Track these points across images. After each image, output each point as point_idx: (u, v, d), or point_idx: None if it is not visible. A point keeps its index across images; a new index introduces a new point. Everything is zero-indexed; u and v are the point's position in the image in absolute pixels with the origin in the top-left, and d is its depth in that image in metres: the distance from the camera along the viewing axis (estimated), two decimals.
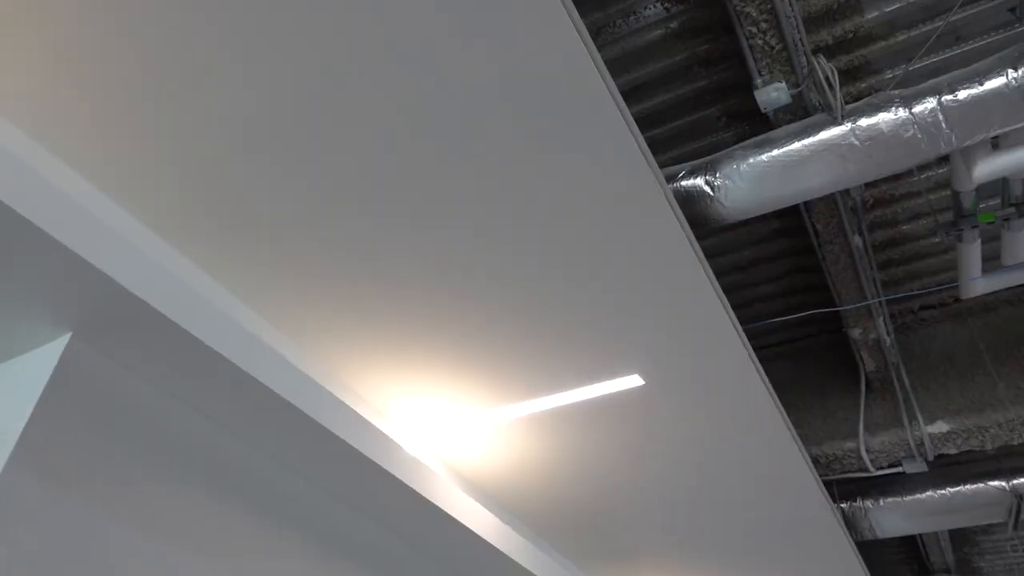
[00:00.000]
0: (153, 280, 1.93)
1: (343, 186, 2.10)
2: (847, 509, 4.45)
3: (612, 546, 3.88)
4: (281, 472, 2.61)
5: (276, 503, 2.55)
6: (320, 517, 2.74)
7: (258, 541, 2.42)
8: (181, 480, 2.22)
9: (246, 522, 2.40)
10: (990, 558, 6.41)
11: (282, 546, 2.52)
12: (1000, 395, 3.63)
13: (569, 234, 2.22)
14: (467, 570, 3.46)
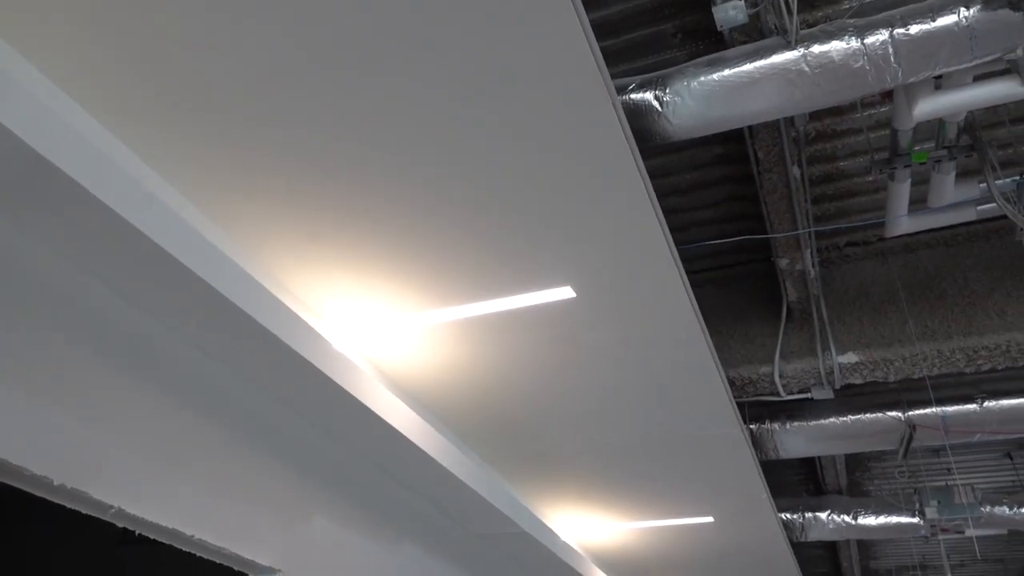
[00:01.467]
0: (73, 150, 1.81)
1: (281, 73, 1.98)
2: (755, 430, 4.69)
3: (531, 452, 4.00)
4: (203, 360, 2.55)
5: (198, 390, 2.50)
6: (243, 408, 2.71)
7: (180, 429, 2.38)
8: (96, 358, 2.14)
9: (167, 409, 2.36)
10: (879, 483, 6.92)
11: (203, 435, 2.49)
12: (908, 332, 3.82)
13: (511, 139, 2.17)
14: (390, 467, 3.52)
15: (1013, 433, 4.28)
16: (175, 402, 2.41)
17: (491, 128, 2.14)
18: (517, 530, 4.25)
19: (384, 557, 3.48)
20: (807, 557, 8.83)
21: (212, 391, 2.58)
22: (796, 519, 6.02)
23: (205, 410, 2.53)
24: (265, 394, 2.85)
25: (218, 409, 2.60)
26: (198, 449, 2.47)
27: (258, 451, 2.76)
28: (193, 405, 2.48)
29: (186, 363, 2.49)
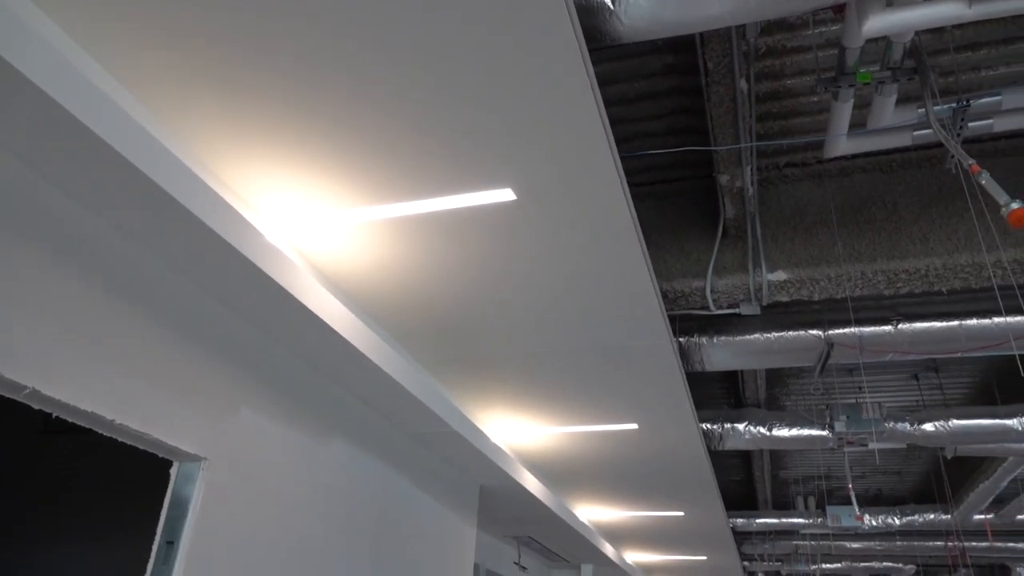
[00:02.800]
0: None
1: None
2: (684, 343, 4.83)
3: (464, 355, 4.04)
4: (126, 243, 2.44)
5: (120, 274, 2.40)
6: (169, 295, 2.63)
7: (101, 312, 2.30)
8: (7, 235, 2.02)
9: (87, 291, 2.26)
10: (795, 398, 7.30)
11: (126, 320, 2.41)
12: (836, 253, 3.94)
13: (454, 31, 2.07)
14: (321, 363, 3.50)
15: (921, 354, 4.52)
16: (96, 285, 2.32)
17: (434, 20, 2.04)
18: (448, 430, 4.34)
19: (314, 451, 3.51)
20: (723, 465, 9.35)
21: (136, 276, 2.49)
22: (715, 429, 6.33)
23: (128, 295, 2.45)
24: (193, 283, 2.76)
25: (142, 295, 2.51)
26: (120, 333, 2.39)
27: (184, 339, 2.70)
28: (115, 289, 2.39)
29: (107, 246, 2.38)
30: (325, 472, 3.60)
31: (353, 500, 3.85)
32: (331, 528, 3.62)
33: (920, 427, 5.97)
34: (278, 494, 3.19)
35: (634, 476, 6.28)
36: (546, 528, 7.18)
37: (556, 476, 6.30)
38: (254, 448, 3.04)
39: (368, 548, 3.97)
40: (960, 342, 4.39)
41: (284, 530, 3.22)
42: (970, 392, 6.99)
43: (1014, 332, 4.22)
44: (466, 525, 5.38)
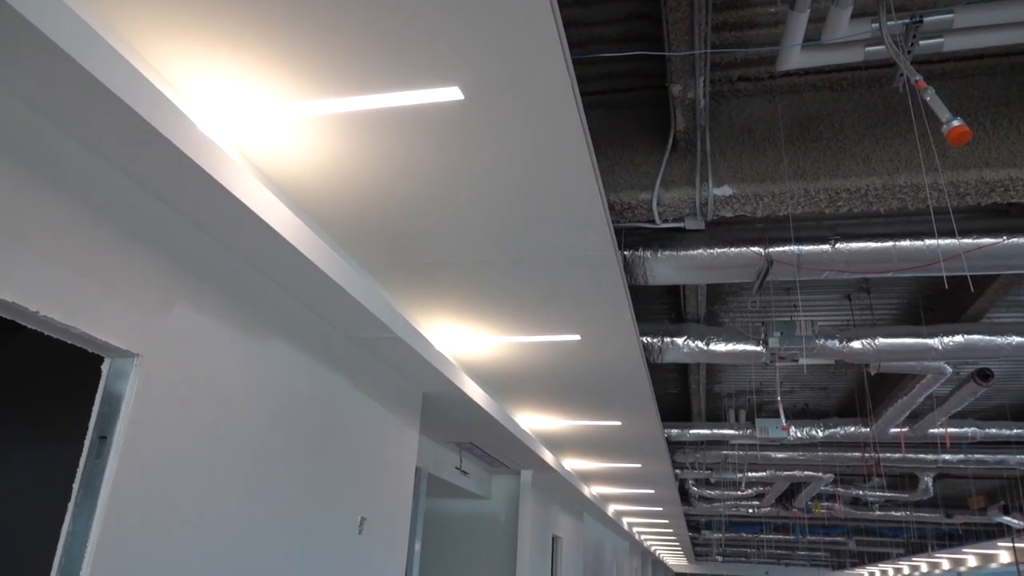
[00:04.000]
0: None
1: None
2: (628, 256, 4.88)
3: (407, 261, 3.99)
4: (48, 129, 2.29)
5: (42, 161, 2.26)
6: (96, 185, 2.50)
7: (20, 200, 2.17)
8: None
9: (5, 181, 2.13)
10: (733, 315, 7.51)
11: (47, 209, 2.29)
12: (782, 171, 3.98)
13: None
14: (261, 263, 3.42)
15: (855, 273, 4.66)
16: (14, 172, 2.18)
17: None
18: (391, 336, 4.34)
19: (253, 352, 3.47)
20: (661, 379, 9.66)
21: (58, 163, 2.35)
22: (655, 343, 6.49)
23: (50, 184, 2.31)
24: (121, 172, 2.63)
25: (66, 184, 2.38)
26: (41, 223, 2.27)
27: (113, 232, 2.59)
28: (36, 177, 2.26)
29: (26, 129, 2.23)
30: (265, 373, 3.58)
31: (294, 402, 3.85)
32: (271, 429, 3.63)
33: (848, 345, 6.22)
34: (216, 393, 3.16)
35: (575, 387, 6.44)
36: (488, 435, 7.36)
37: (499, 385, 6.41)
38: (190, 345, 2.99)
39: (309, 451, 4.01)
40: (892, 262, 4.53)
41: (222, 430, 3.21)
42: (898, 313, 7.29)
43: (944, 253, 4.38)
44: (409, 430, 5.47)
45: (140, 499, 2.67)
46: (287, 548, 3.75)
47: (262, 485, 3.52)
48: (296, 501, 3.83)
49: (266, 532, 3.54)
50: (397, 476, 5.24)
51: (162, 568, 2.81)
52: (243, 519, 3.36)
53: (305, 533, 3.92)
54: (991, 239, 4.40)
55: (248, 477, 3.40)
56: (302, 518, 3.89)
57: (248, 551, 3.40)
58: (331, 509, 4.21)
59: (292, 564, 3.79)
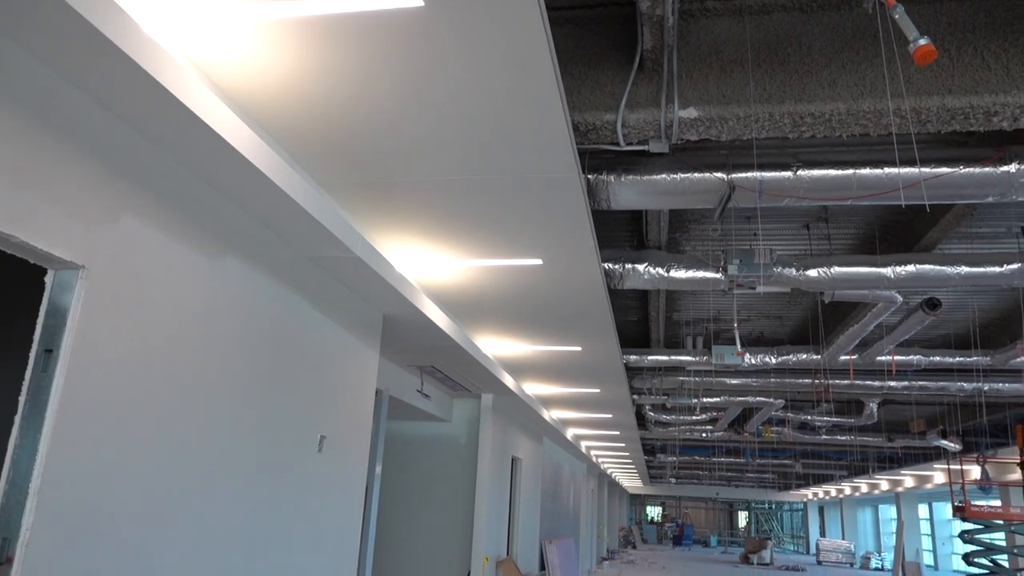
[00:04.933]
0: None
1: None
2: (592, 180, 4.84)
3: (366, 179, 3.90)
4: None
5: None
6: (33, 89, 2.35)
7: None
8: None
9: None
10: (694, 243, 7.57)
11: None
12: (748, 94, 3.93)
13: None
14: (214, 178, 3.31)
15: (815, 200, 4.70)
16: None
17: None
18: (350, 255, 4.27)
19: (206, 268, 3.39)
20: (622, 306, 9.79)
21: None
22: (617, 269, 6.53)
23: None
24: (61, 76, 2.48)
25: (2, 88, 2.24)
26: None
27: (54, 140, 2.46)
28: None
29: None
30: (219, 290, 3.51)
31: (250, 321, 3.80)
32: (227, 346, 3.59)
33: (805, 273, 6.34)
34: (168, 309, 3.09)
35: (536, 311, 6.48)
36: (449, 358, 7.41)
37: (460, 309, 6.41)
38: (139, 259, 2.90)
39: (267, 369, 3.98)
40: (852, 190, 4.57)
41: (176, 346, 3.16)
42: (854, 243, 7.43)
43: (903, 182, 4.42)
44: (369, 351, 5.46)
45: (91, 414, 2.63)
46: (245, 464, 3.76)
47: (219, 400, 3.50)
48: (254, 418, 3.83)
49: (223, 446, 3.54)
50: (357, 397, 5.27)
51: (114, 482, 2.80)
52: (200, 432, 3.35)
53: (264, 450, 3.93)
54: (948, 168, 4.45)
55: (204, 393, 3.38)
56: (260, 435, 3.90)
57: (205, 464, 3.40)
58: (290, 427, 4.22)
59: (250, 480, 3.81)
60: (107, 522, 2.75)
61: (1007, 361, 9.27)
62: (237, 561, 3.70)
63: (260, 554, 3.92)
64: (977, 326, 9.49)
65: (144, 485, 2.96)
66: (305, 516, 4.46)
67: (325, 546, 4.76)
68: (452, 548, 9.40)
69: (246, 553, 3.78)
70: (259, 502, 3.91)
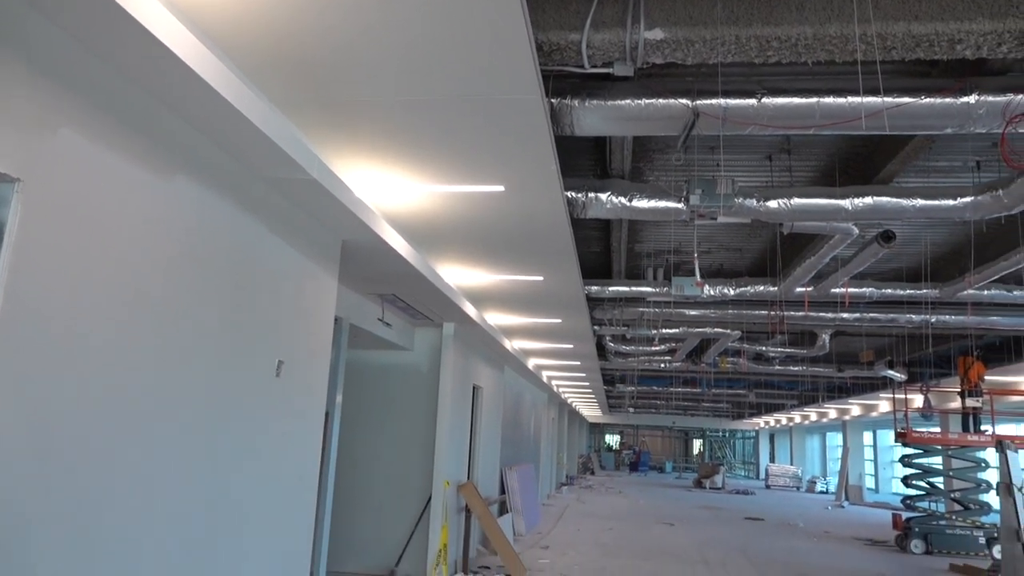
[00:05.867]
0: None
1: None
2: (555, 104, 4.74)
3: (322, 96, 3.75)
4: None
5: None
6: None
7: None
8: None
9: None
10: (657, 173, 7.54)
11: None
12: (716, 15, 3.85)
13: None
14: (161, 92, 3.15)
15: (779, 129, 4.68)
16: None
17: None
18: (307, 177, 4.16)
19: (154, 187, 3.26)
20: (584, 237, 9.79)
21: None
22: (579, 197, 6.49)
23: None
24: None
25: None
26: None
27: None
28: None
29: None
30: (168, 211, 3.39)
31: (203, 245, 3.69)
32: (179, 268, 3.49)
33: (765, 204, 6.38)
34: (111, 227, 2.98)
35: (498, 240, 6.43)
36: (410, 287, 7.37)
37: (422, 237, 6.33)
38: (80, 175, 2.77)
39: (221, 293, 3.90)
40: (815, 119, 4.56)
41: (122, 268, 3.06)
42: (815, 175, 7.48)
43: (866, 111, 4.42)
44: (327, 277, 5.39)
45: (34, 336, 2.55)
46: (199, 387, 3.72)
47: (171, 324, 3.42)
48: (208, 341, 3.77)
49: (175, 369, 3.49)
50: (315, 323, 5.22)
51: (55, 412, 2.74)
52: (149, 353, 3.29)
53: (219, 373, 3.89)
54: (910, 98, 4.45)
55: (151, 313, 3.30)
56: (215, 358, 3.84)
57: (155, 387, 3.35)
58: (246, 351, 4.17)
59: (206, 404, 3.78)
60: (55, 457, 2.71)
61: (955, 294, 9.56)
62: (193, 489, 3.69)
63: (217, 482, 3.92)
64: (928, 260, 9.73)
65: (90, 414, 2.91)
66: (265, 442, 4.46)
67: (285, 472, 4.78)
68: (414, 474, 9.57)
69: (202, 481, 3.77)
70: (216, 428, 3.88)
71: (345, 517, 9.40)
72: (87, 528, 2.89)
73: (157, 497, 3.36)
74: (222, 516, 3.97)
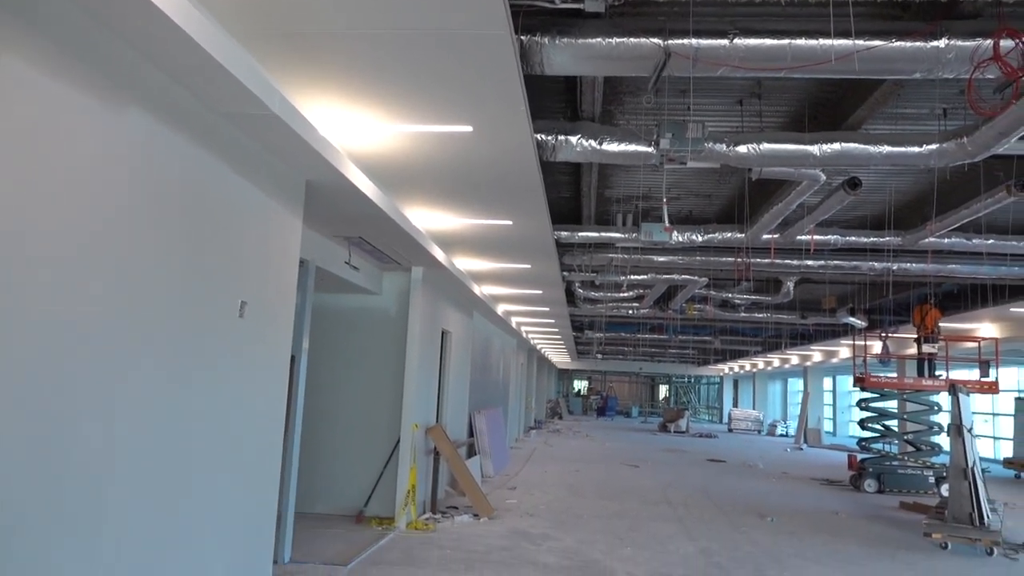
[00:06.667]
0: None
1: None
2: (525, 41, 4.63)
3: (283, 28, 3.60)
4: None
5: None
6: None
7: None
8: None
9: None
10: (628, 117, 7.46)
11: None
12: None
13: None
14: (110, 20, 3.00)
15: (750, 71, 4.64)
16: None
17: None
18: (268, 113, 4.03)
19: (104, 120, 3.13)
20: (554, 182, 9.71)
21: None
22: (549, 140, 6.40)
23: None
24: None
25: None
26: None
27: None
28: None
29: None
30: (122, 146, 3.27)
31: (159, 179, 3.58)
32: (134, 206, 3.38)
33: (735, 149, 6.36)
34: (59, 160, 2.87)
35: (467, 182, 6.34)
36: (377, 229, 7.27)
37: (389, 178, 6.22)
38: (23, 104, 2.64)
39: (180, 231, 3.80)
40: (786, 61, 4.52)
41: (69, 201, 2.96)
42: (785, 121, 7.46)
43: (837, 53, 4.38)
44: (291, 217, 5.29)
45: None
46: (159, 327, 3.65)
47: (126, 259, 3.33)
48: (166, 279, 3.68)
49: (132, 308, 3.41)
50: (279, 264, 5.14)
51: (23, 341, 2.67)
52: (103, 291, 3.21)
53: (179, 311, 3.82)
54: (881, 41, 4.43)
55: (108, 251, 3.21)
56: (175, 297, 3.77)
57: (112, 328, 3.28)
58: (207, 290, 4.10)
59: (166, 342, 3.72)
60: (14, 406, 2.65)
61: (916, 242, 9.72)
62: (156, 428, 3.65)
63: (181, 422, 3.88)
64: (892, 208, 9.85)
65: (36, 354, 2.84)
66: (229, 382, 4.42)
67: (251, 413, 4.76)
68: (382, 417, 9.62)
69: (166, 420, 3.73)
70: (178, 367, 3.83)
71: (314, 460, 9.45)
72: (49, 473, 2.85)
73: (118, 437, 3.32)
74: (187, 457, 3.95)
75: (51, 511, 2.90)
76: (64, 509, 2.98)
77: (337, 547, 7.71)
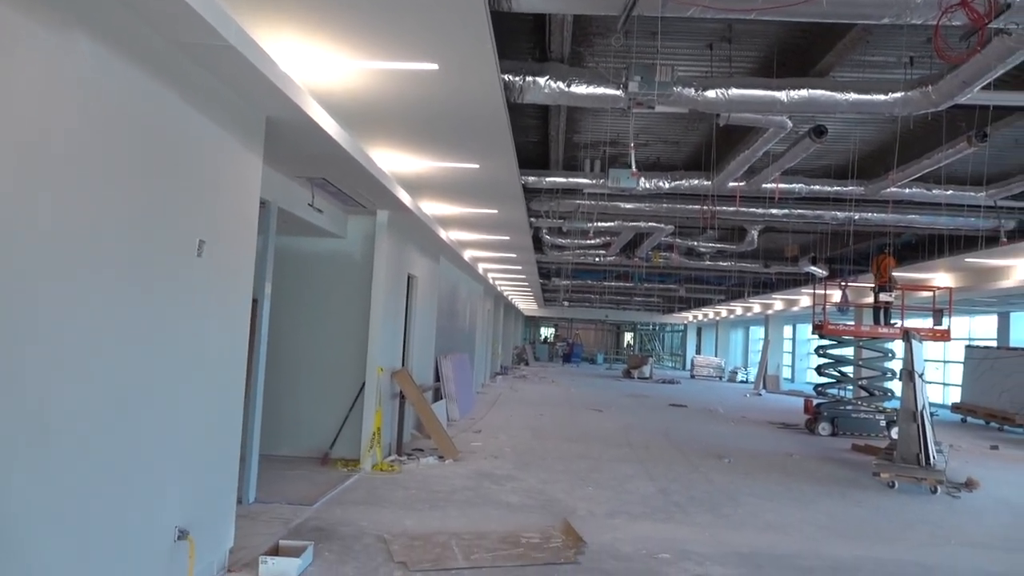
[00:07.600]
0: None
1: None
2: None
3: None
4: None
5: None
6: None
7: None
8: None
9: None
10: (598, 59, 7.35)
11: None
12: None
13: None
14: None
15: (720, 12, 4.57)
16: None
17: None
18: (223, 43, 3.87)
19: (51, 50, 2.98)
20: (522, 126, 9.58)
21: None
22: (517, 81, 6.29)
23: None
24: None
25: None
26: None
27: None
28: None
29: None
30: (69, 75, 3.13)
31: (107, 110, 3.44)
32: (83, 140, 3.26)
33: (703, 93, 6.31)
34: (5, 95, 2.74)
35: (432, 123, 6.23)
36: (341, 170, 7.14)
37: (353, 118, 6.07)
38: None
39: (132, 165, 3.69)
40: (757, 1, 4.46)
41: (11, 129, 2.84)
42: (754, 67, 7.42)
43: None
44: (250, 155, 5.15)
45: None
46: (111, 263, 3.56)
47: (74, 192, 3.22)
48: (117, 215, 3.58)
49: (82, 243, 3.31)
50: (239, 202, 5.02)
51: None
52: (51, 225, 3.11)
53: (132, 247, 3.72)
54: None
55: (55, 182, 3.10)
56: (127, 233, 3.67)
57: (64, 262, 3.20)
58: (162, 228, 3.99)
59: (120, 279, 3.63)
60: None
61: (878, 191, 9.86)
62: (114, 366, 3.60)
63: (139, 360, 3.83)
64: (856, 157, 9.94)
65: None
66: (188, 322, 4.35)
67: (211, 353, 4.71)
68: (347, 361, 9.60)
69: (123, 359, 3.68)
70: (134, 305, 3.75)
71: (279, 403, 9.44)
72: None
73: (70, 386, 3.27)
74: (147, 394, 3.90)
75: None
76: (12, 426, 2.94)
77: (302, 488, 7.77)
